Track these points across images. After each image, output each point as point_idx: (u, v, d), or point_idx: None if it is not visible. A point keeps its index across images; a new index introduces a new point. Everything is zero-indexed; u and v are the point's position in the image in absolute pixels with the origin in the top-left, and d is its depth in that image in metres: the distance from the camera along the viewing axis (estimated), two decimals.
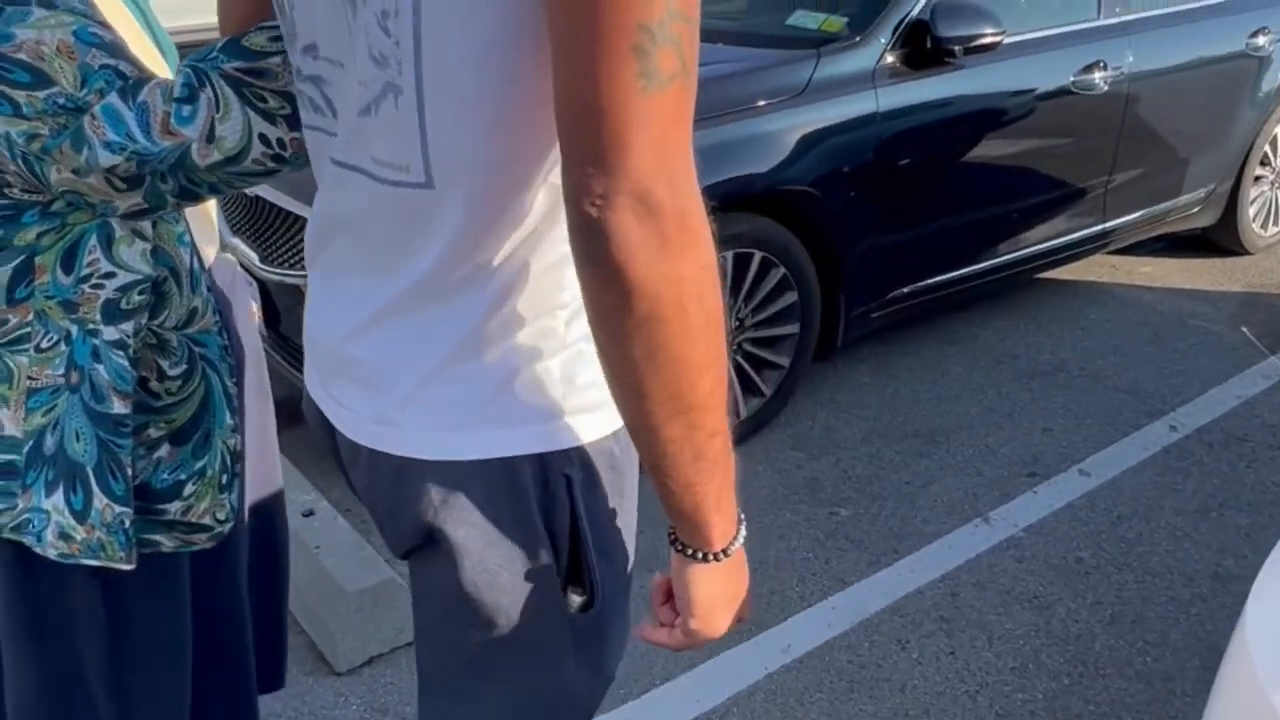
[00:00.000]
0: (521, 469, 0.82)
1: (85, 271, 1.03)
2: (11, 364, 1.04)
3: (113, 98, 0.92)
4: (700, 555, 0.81)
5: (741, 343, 2.79)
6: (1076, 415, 3.04)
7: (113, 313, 1.05)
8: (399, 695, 2.00)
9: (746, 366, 2.82)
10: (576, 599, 0.87)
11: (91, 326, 1.04)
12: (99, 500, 1.07)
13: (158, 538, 1.15)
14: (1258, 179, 4.10)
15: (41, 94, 0.91)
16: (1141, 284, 3.99)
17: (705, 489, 0.77)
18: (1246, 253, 4.21)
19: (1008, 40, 3.02)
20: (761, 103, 2.68)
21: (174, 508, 1.15)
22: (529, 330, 0.81)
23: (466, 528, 0.84)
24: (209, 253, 1.32)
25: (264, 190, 2.68)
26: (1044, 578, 2.32)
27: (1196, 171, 3.83)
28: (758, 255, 2.71)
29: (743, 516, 0.85)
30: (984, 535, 2.48)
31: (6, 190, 0.97)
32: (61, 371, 1.05)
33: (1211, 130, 3.80)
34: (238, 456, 1.23)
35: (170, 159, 0.94)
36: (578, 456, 0.84)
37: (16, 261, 1.01)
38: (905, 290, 3.12)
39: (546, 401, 0.82)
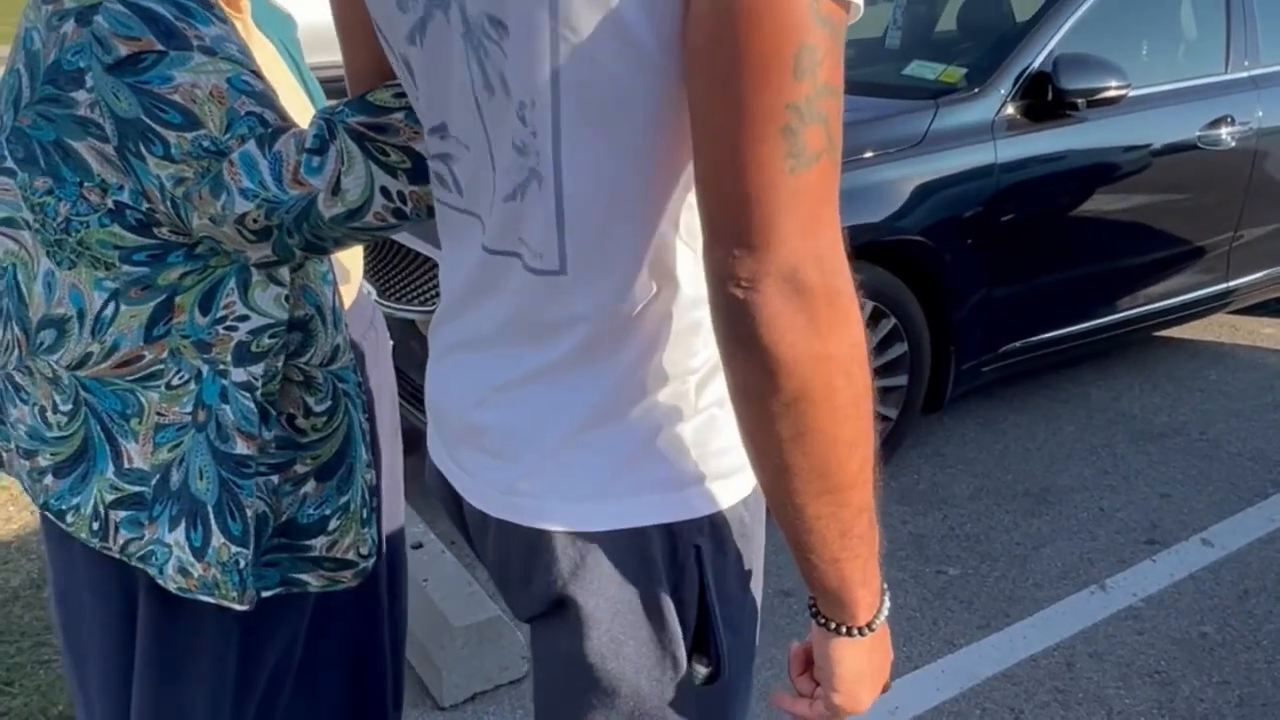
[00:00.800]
0: (651, 539, 0.81)
1: (221, 313, 1.05)
2: (143, 399, 1.06)
3: (250, 145, 0.95)
4: (845, 630, 0.80)
5: None
6: (1197, 481, 2.91)
7: (243, 355, 1.06)
8: None
9: None
10: (702, 670, 0.86)
11: (222, 367, 1.06)
12: (217, 539, 1.08)
13: (305, 577, 1.18)
14: None
15: (190, 135, 0.94)
16: (1265, 346, 3.83)
17: (851, 565, 0.76)
18: None
19: (1132, 94, 2.95)
20: (876, 152, 2.66)
21: (319, 543, 1.17)
22: (659, 397, 0.80)
23: (595, 597, 0.83)
24: (348, 290, 1.36)
25: None
26: (1166, 652, 2.22)
27: None
28: (870, 305, 2.68)
29: (886, 588, 0.82)
30: (1100, 603, 2.38)
31: (156, 230, 1.00)
32: (189, 409, 1.07)
33: None
34: (374, 491, 1.25)
35: (297, 209, 0.96)
36: (707, 525, 0.82)
37: (159, 300, 1.04)
38: (1018, 344, 3.05)
39: (677, 470, 0.81)
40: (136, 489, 1.08)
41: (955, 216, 2.74)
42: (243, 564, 1.09)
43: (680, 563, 0.82)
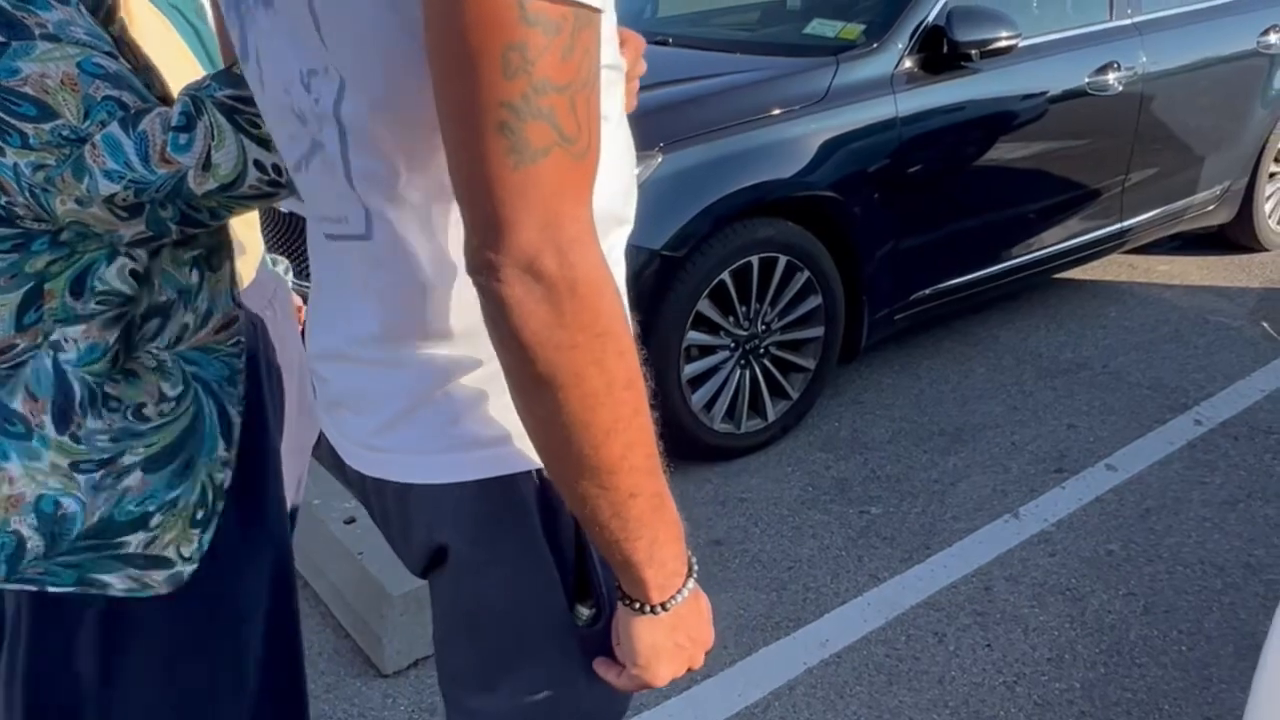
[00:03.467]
0: (522, 486, 0.83)
1: (100, 297, 1.02)
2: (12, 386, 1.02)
3: (113, 127, 0.93)
4: (639, 607, 0.81)
5: (768, 346, 2.83)
6: (1101, 412, 3.06)
7: (68, 315, 1.03)
8: None
9: (773, 369, 2.86)
10: (585, 612, 0.87)
11: (55, 338, 1.02)
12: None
13: (107, 578, 1.09)
14: (1272, 175, 4.13)
15: (47, 126, 0.92)
16: (1160, 282, 4.02)
17: (633, 546, 0.76)
18: (1263, 249, 4.24)
19: (1022, 44, 3.06)
20: (782, 110, 2.72)
21: (135, 539, 1.09)
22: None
23: (470, 546, 0.85)
24: (245, 264, 1.33)
25: (295, 204, 2.73)
26: (1076, 570, 2.35)
27: (1211, 170, 3.86)
28: (782, 260, 2.75)
29: (694, 567, 0.83)
30: (1014, 530, 2.51)
31: (17, 220, 0.97)
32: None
33: (1225, 128, 3.83)
34: (223, 493, 1.15)
35: (167, 187, 0.95)
36: None
37: (27, 286, 1.00)
38: (927, 292, 3.15)
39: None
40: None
41: (861, 170, 2.83)
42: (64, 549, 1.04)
43: (554, 508, 0.83)
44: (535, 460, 0.81)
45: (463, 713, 0.94)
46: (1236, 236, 4.21)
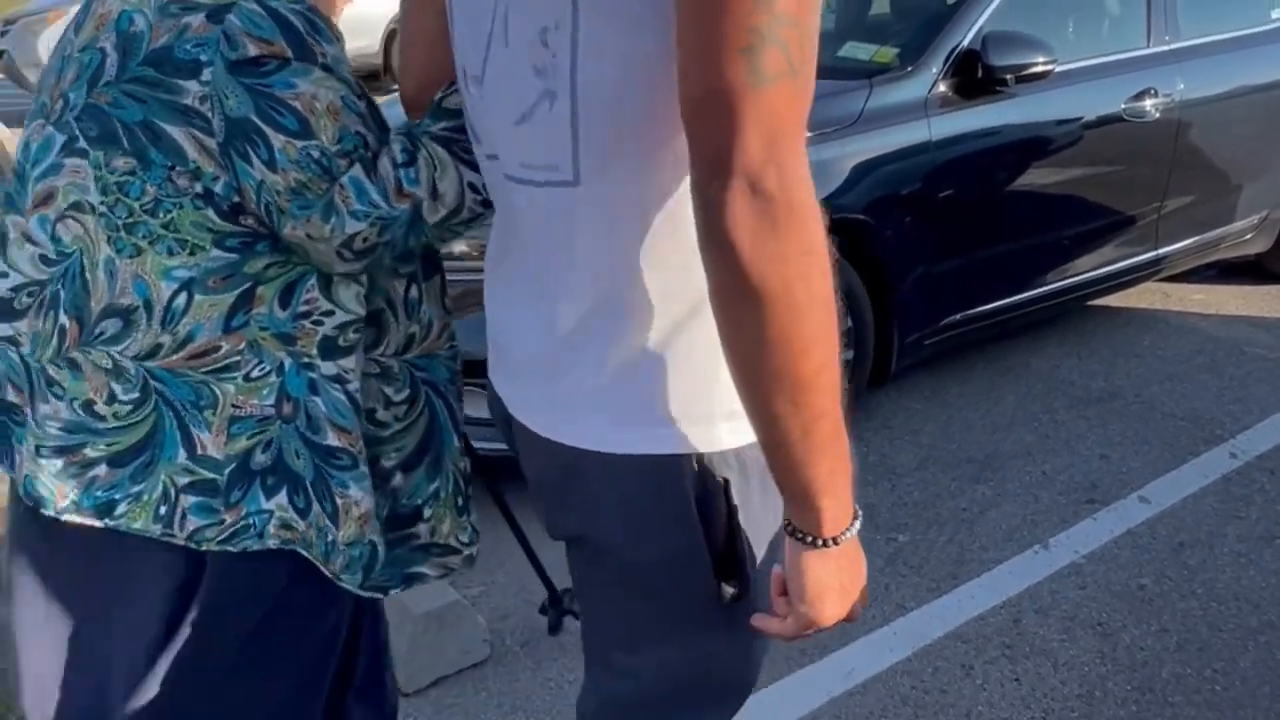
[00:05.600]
0: (684, 468, 0.88)
1: (303, 308, 1.06)
2: (218, 391, 1.05)
3: (356, 169, 1.00)
4: (811, 540, 0.84)
5: None
6: (1134, 442, 3.01)
7: (330, 349, 1.07)
8: (464, 715, 2.03)
9: None
10: (729, 590, 0.92)
11: (307, 360, 1.06)
12: (315, 508, 1.09)
13: (422, 569, 1.20)
14: None
15: (299, 144, 0.97)
16: (1195, 311, 3.96)
17: (814, 471, 0.80)
18: None
19: (1058, 69, 3.04)
20: (815, 132, 2.71)
21: (421, 530, 1.19)
22: (694, 332, 0.87)
23: (628, 519, 0.90)
24: None
25: None
26: (1107, 604, 2.31)
27: (1249, 198, 3.80)
28: None
29: (859, 511, 0.87)
30: (1044, 561, 2.46)
31: (243, 219, 1.01)
32: (271, 401, 1.06)
33: (1263, 157, 3.78)
34: (469, 479, 1.25)
35: (406, 220, 1.02)
36: (735, 459, 0.89)
37: (241, 290, 1.03)
38: (958, 317, 3.13)
39: (710, 404, 0.88)
40: (210, 475, 1.06)
41: (893, 193, 2.81)
42: (330, 537, 1.10)
43: (711, 492, 0.89)
44: (699, 446, 0.87)
45: (608, 670, 1.02)
46: (1274, 266, 4.15)
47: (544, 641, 2.22)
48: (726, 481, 0.89)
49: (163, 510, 1.05)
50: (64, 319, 1.04)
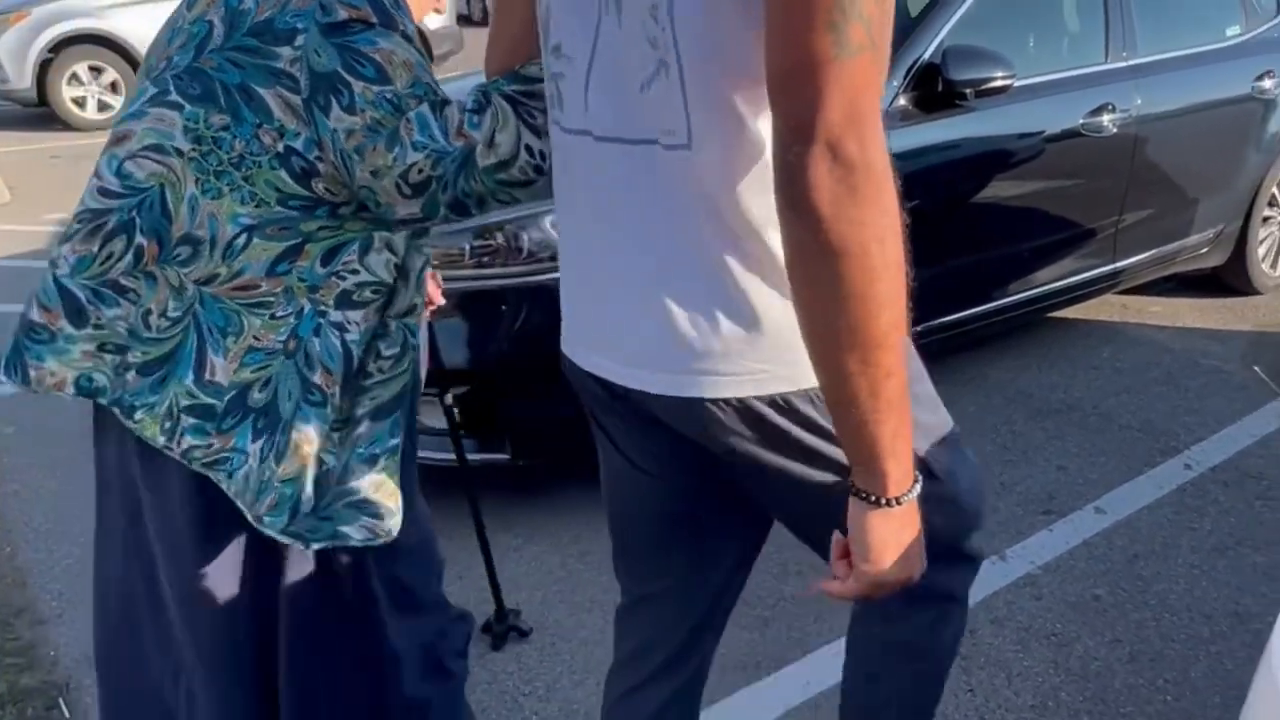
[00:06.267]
0: (795, 403, 0.96)
1: (339, 268, 1.22)
2: (245, 322, 1.21)
3: (424, 107, 1.14)
4: (874, 499, 0.89)
5: None
6: (1091, 454, 3.04)
7: (344, 300, 1.23)
8: None
9: None
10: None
11: (323, 308, 1.22)
12: (293, 453, 1.22)
13: (349, 530, 1.26)
14: (1266, 219, 4.14)
15: (375, 88, 1.12)
16: (1152, 323, 4.02)
17: (880, 430, 0.85)
18: (1256, 292, 4.24)
19: (1018, 84, 3.07)
20: None
21: (365, 484, 1.27)
22: (784, 287, 0.90)
23: (760, 452, 0.98)
24: None
25: None
26: (1062, 615, 2.33)
27: (1205, 212, 3.86)
28: None
29: (919, 475, 0.91)
30: (1000, 572, 2.48)
31: (313, 182, 1.17)
32: (283, 338, 1.21)
33: (1220, 171, 3.84)
34: (413, 459, 1.38)
35: (459, 158, 1.14)
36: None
37: (292, 242, 1.19)
38: (917, 329, 3.11)
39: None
40: (209, 401, 1.21)
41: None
42: (268, 475, 1.21)
43: (816, 422, 0.97)
44: (811, 380, 0.91)
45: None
46: (1230, 279, 4.21)
47: (499, 655, 2.20)
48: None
49: (167, 424, 1.21)
50: (140, 239, 1.20)
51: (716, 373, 0.96)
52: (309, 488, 1.23)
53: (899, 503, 0.88)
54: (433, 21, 9.26)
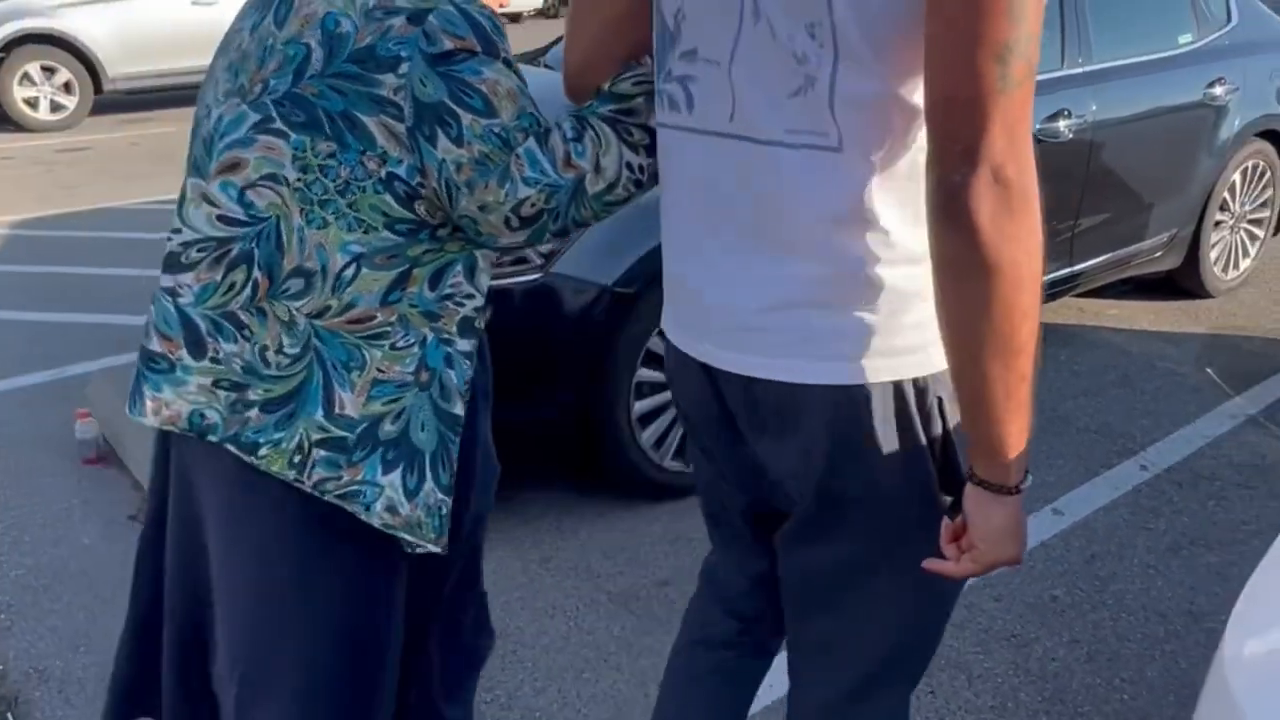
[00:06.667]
0: (905, 390, 1.01)
1: (448, 291, 1.23)
2: (367, 355, 1.21)
3: (530, 142, 1.15)
4: (998, 488, 0.97)
5: None
6: (1049, 455, 3.08)
7: (466, 328, 1.25)
8: None
9: None
10: (948, 500, 1.04)
11: (447, 337, 1.24)
12: (428, 485, 1.25)
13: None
14: (1218, 224, 4.21)
15: (483, 121, 1.13)
16: (1109, 326, 4.07)
17: (1009, 429, 0.93)
18: (1209, 295, 4.31)
19: None
20: None
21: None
22: (910, 273, 0.99)
23: (869, 440, 1.02)
24: None
25: None
26: (1021, 616, 2.35)
27: (1160, 216, 3.93)
28: None
29: (1028, 469, 0.99)
30: None
31: (415, 205, 1.16)
32: (412, 370, 1.22)
33: (1173, 176, 3.91)
34: None
35: (571, 189, 1.16)
36: (945, 379, 1.00)
37: (400, 270, 1.20)
38: None
39: (922, 334, 1.00)
40: (341, 434, 1.21)
41: None
42: (444, 511, 1.26)
43: (928, 410, 1.02)
44: (927, 368, 1.00)
45: (834, 611, 1.15)
46: (1183, 282, 4.29)
47: None
48: (941, 400, 1.02)
49: (296, 459, 1.21)
50: (257, 273, 1.19)
51: (837, 357, 1.02)
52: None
53: (1018, 491, 0.97)
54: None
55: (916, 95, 0.93)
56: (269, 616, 1.28)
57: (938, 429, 1.03)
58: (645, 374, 2.65)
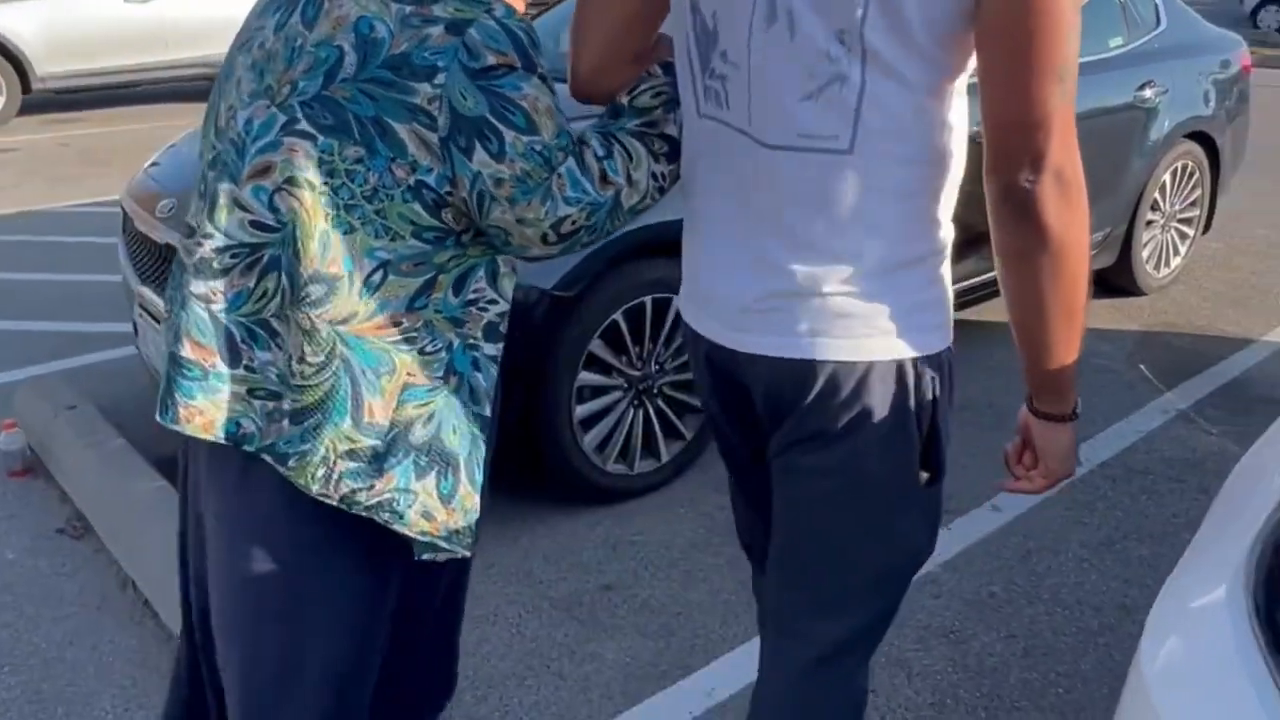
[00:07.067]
0: (906, 367, 1.12)
1: (472, 296, 1.24)
2: (396, 360, 1.21)
3: (570, 162, 1.17)
4: (1061, 417, 1.17)
5: (661, 386, 2.81)
6: (987, 452, 3.10)
7: (491, 333, 1.26)
8: None
9: (667, 410, 2.84)
10: (924, 475, 1.17)
11: (473, 341, 1.25)
12: (464, 488, 1.25)
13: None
14: (1149, 223, 4.31)
15: (525, 139, 1.14)
16: None
17: (1069, 369, 1.11)
18: (1141, 293, 4.41)
19: None
20: None
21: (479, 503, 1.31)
22: (920, 265, 1.12)
23: (865, 415, 1.12)
24: None
25: (176, 238, 2.63)
26: (960, 612, 2.38)
27: (1093, 216, 3.97)
28: (676, 300, 2.74)
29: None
30: None
31: (443, 213, 1.17)
32: (440, 374, 1.23)
33: (1106, 177, 3.98)
34: None
35: (610, 204, 1.19)
36: (938, 360, 1.15)
37: (426, 277, 1.20)
38: None
39: (921, 317, 1.13)
40: (371, 442, 1.20)
41: None
42: (478, 516, 1.28)
43: (922, 388, 1.13)
44: (924, 348, 1.13)
45: (812, 536, 1.23)
46: (1117, 280, 4.38)
47: None
48: (934, 378, 1.14)
49: (320, 472, 1.19)
50: (284, 280, 1.19)
51: (830, 335, 1.12)
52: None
53: (1075, 415, 1.17)
54: None
55: (937, 104, 1.04)
56: (250, 609, 1.30)
57: (927, 409, 1.15)
58: (587, 378, 2.64)
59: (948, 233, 1.14)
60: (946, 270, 1.17)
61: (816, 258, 1.09)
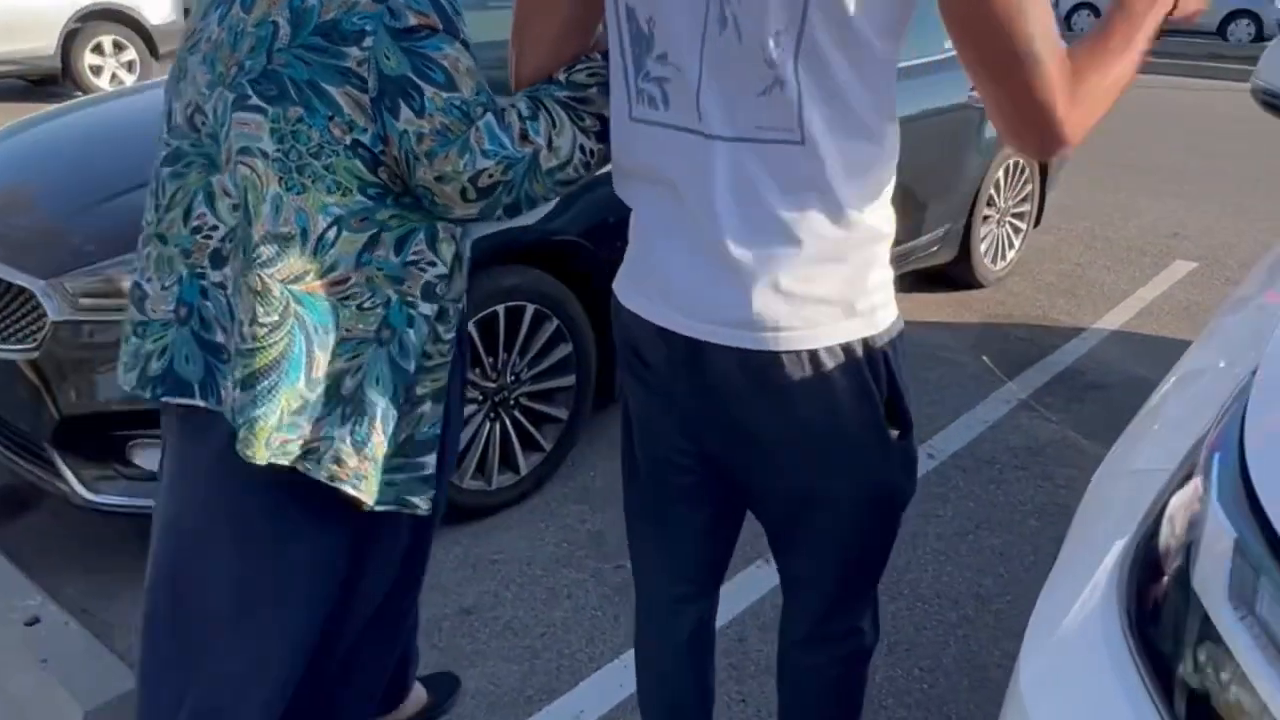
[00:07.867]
0: (855, 348, 1.17)
1: (412, 257, 1.28)
2: (339, 314, 1.26)
3: (489, 118, 1.21)
4: None
5: (518, 398, 2.72)
6: None
7: (429, 293, 1.31)
8: None
9: (525, 421, 2.76)
10: (894, 431, 1.24)
11: (410, 299, 1.29)
12: (377, 437, 1.30)
13: (416, 499, 1.35)
14: (986, 218, 4.47)
15: (445, 95, 1.19)
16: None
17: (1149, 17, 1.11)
18: (981, 286, 4.58)
19: None
20: None
21: (429, 460, 1.35)
22: (869, 251, 1.16)
23: (826, 390, 1.17)
24: None
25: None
26: None
27: (934, 213, 4.12)
28: (530, 308, 2.66)
29: None
30: (766, 576, 2.51)
31: (379, 171, 1.22)
32: (374, 328, 1.28)
33: (944, 175, 4.11)
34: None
35: (527, 162, 1.22)
36: (888, 336, 1.20)
37: (371, 233, 1.25)
38: None
39: (869, 300, 1.17)
40: (313, 394, 1.26)
41: (606, 217, 2.79)
42: (381, 467, 1.31)
43: (875, 361, 1.19)
44: (874, 329, 1.18)
45: (809, 503, 1.30)
46: (958, 275, 4.53)
47: None
48: (886, 354, 1.19)
49: (273, 439, 1.25)
50: (239, 248, 1.25)
51: (787, 328, 1.15)
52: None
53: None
54: (155, 16, 8.65)
55: (875, 95, 1.09)
56: (194, 554, 1.37)
57: (884, 376, 1.20)
58: None
59: (892, 214, 1.19)
60: (887, 250, 1.22)
61: (771, 245, 1.12)
